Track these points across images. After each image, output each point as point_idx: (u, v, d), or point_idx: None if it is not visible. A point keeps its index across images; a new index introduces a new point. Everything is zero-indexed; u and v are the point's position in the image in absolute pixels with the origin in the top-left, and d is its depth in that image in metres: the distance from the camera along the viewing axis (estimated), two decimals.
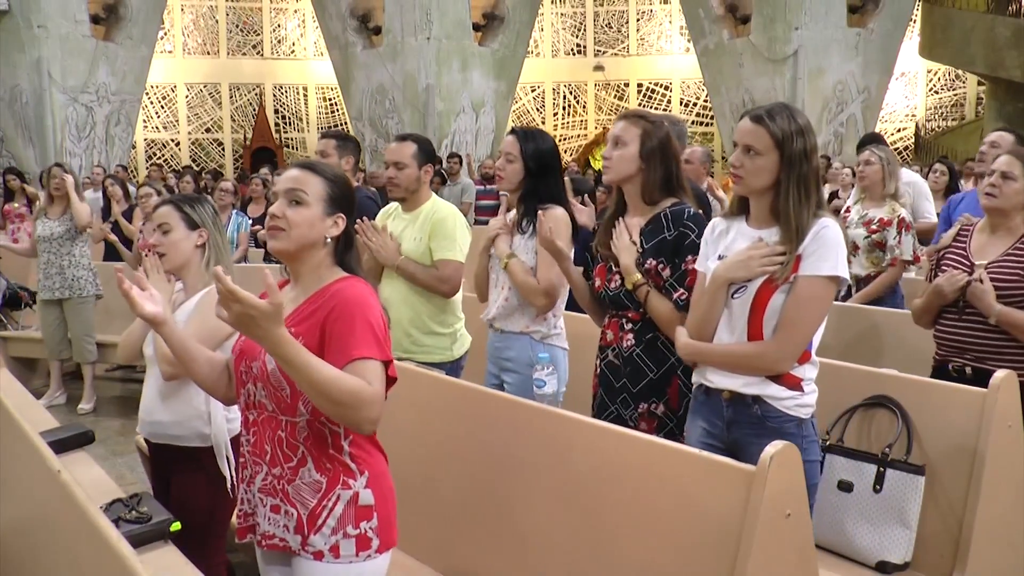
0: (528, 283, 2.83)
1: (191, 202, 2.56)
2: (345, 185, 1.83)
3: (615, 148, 2.43)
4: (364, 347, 1.64)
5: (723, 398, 2.12)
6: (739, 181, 2.08)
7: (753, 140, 2.03)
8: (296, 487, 1.71)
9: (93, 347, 5.84)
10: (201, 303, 2.44)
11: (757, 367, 2.05)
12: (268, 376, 1.71)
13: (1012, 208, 2.78)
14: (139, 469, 3.96)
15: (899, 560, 2.38)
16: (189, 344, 1.95)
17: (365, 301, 1.71)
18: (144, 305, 1.90)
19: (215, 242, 2.55)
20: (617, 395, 2.45)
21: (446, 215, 3.20)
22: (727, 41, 13.47)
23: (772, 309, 2.02)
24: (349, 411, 1.59)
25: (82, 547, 1.68)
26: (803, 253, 2.00)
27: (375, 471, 1.76)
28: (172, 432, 2.48)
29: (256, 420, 1.77)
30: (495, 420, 2.42)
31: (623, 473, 2.03)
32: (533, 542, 2.23)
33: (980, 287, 2.70)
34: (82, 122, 13.37)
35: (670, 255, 2.35)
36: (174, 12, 18.40)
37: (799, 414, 2.07)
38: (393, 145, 3.25)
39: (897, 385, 2.56)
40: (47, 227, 5.69)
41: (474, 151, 13.78)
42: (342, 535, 1.70)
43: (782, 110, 2.05)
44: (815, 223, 2.01)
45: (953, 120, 17.83)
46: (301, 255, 1.77)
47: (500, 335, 2.97)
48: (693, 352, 2.17)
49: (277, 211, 1.75)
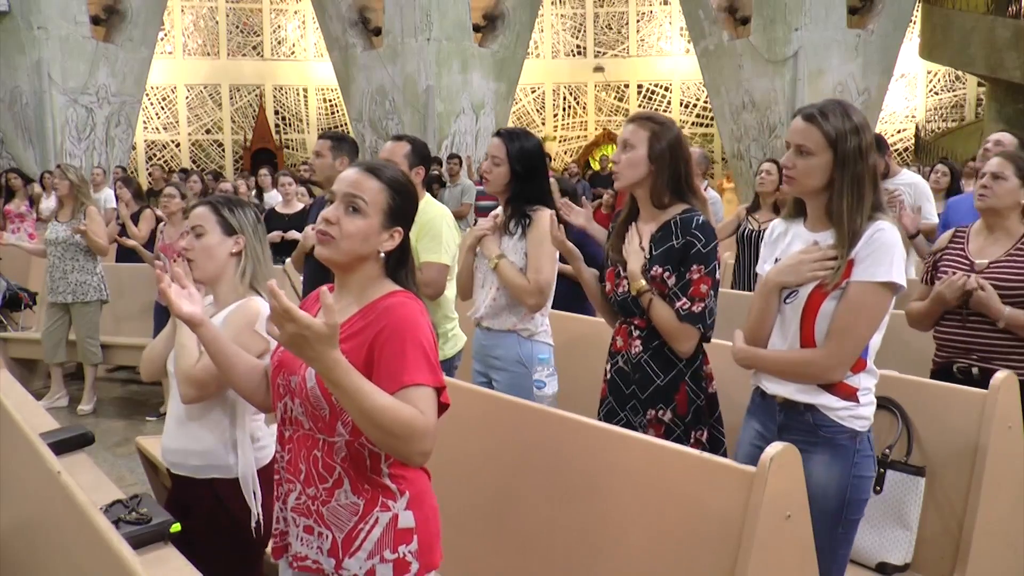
0: (518, 283, 2.85)
1: (231, 205, 2.30)
2: (411, 196, 1.69)
3: (623, 152, 2.40)
4: (416, 372, 1.53)
5: (776, 403, 2.08)
6: (791, 182, 2.02)
7: (804, 139, 1.97)
8: (332, 509, 1.61)
9: (97, 349, 5.84)
10: (230, 318, 2.19)
11: (808, 375, 1.99)
12: (307, 394, 1.60)
13: (1005, 208, 2.81)
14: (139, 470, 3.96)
15: (899, 561, 2.38)
16: (228, 347, 1.84)
17: (417, 321, 1.58)
18: (182, 304, 1.82)
19: (253, 251, 2.28)
20: (627, 402, 2.44)
21: (433, 216, 3.18)
22: (727, 42, 13.47)
23: (823, 315, 1.96)
24: (400, 443, 1.48)
25: (82, 548, 1.67)
26: (856, 257, 1.93)
27: (416, 491, 1.65)
28: (190, 462, 2.23)
29: (292, 437, 1.66)
30: (495, 421, 2.42)
31: (624, 474, 2.03)
32: (534, 543, 2.23)
33: (983, 295, 2.70)
34: (82, 123, 13.37)
35: (676, 263, 2.33)
36: (174, 13, 18.41)
37: (854, 426, 1.99)
38: (388, 144, 3.27)
39: (897, 386, 2.56)
40: (56, 230, 5.68)
41: (474, 152, 13.77)
42: (379, 559, 1.59)
43: (835, 107, 1.98)
44: (870, 226, 1.94)
45: (953, 121, 17.84)
46: (352, 266, 1.65)
47: (488, 333, 2.99)
48: (746, 358, 2.12)
49: (331, 216, 1.61)
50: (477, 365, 3.07)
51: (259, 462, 2.25)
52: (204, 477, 2.23)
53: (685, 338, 2.32)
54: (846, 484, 1.98)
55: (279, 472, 1.72)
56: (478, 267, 3.02)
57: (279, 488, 1.72)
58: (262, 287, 2.26)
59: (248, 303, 2.22)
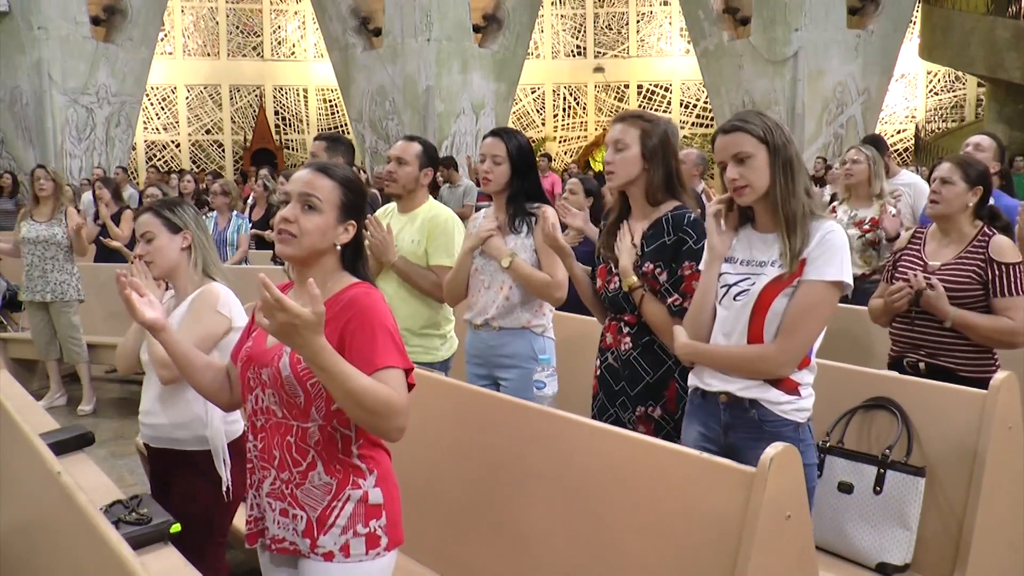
0: (540, 279, 2.84)
1: (170, 206, 2.54)
2: (359, 191, 1.80)
3: (616, 152, 2.41)
4: (388, 356, 1.64)
5: (720, 401, 2.11)
6: (743, 191, 2.05)
7: (739, 146, 2.03)
8: (305, 490, 1.70)
9: (82, 348, 5.84)
10: (193, 304, 2.43)
11: (758, 370, 2.04)
12: (282, 383, 1.69)
13: (955, 212, 2.90)
14: (139, 471, 3.96)
15: (899, 562, 2.38)
16: (189, 351, 1.93)
17: (381, 309, 1.70)
18: (144, 311, 1.89)
19: (200, 242, 2.52)
20: (616, 398, 2.46)
21: (445, 219, 3.20)
22: (727, 43, 13.48)
23: (774, 312, 2.02)
24: (381, 420, 1.58)
25: (82, 548, 1.68)
26: (808, 257, 1.99)
27: (383, 470, 1.77)
28: (171, 435, 2.47)
29: (264, 426, 1.75)
30: (495, 422, 2.42)
31: (624, 475, 2.03)
32: (533, 544, 2.23)
33: (932, 294, 2.81)
34: (82, 123, 13.39)
35: (668, 260, 2.35)
36: (174, 14, 18.43)
37: (796, 418, 2.06)
38: (400, 143, 3.27)
39: (897, 386, 2.57)
40: (33, 229, 5.64)
41: (474, 153, 13.77)
42: (352, 534, 1.70)
43: (747, 113, 2.08)
44: (819, 226, 2.01)
45: (953, 122, 17.86)
46: (310, 260, 1.75)
47: (498, 333, 2.96)
48: (692, 352, 2.16)
49: (290, 215, 1.72)
50: (478, 369, 3.03)
51: (231, 435, 2.47)
52: (183, 449, 2.46)
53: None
54: None
55: (251, 461, 1.80)
56: (482, 269, 2.99)
57: (252, 476, 1.81)
58: (215, 272, 2.52)
59: (207, 289, 2.46)
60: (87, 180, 10.25)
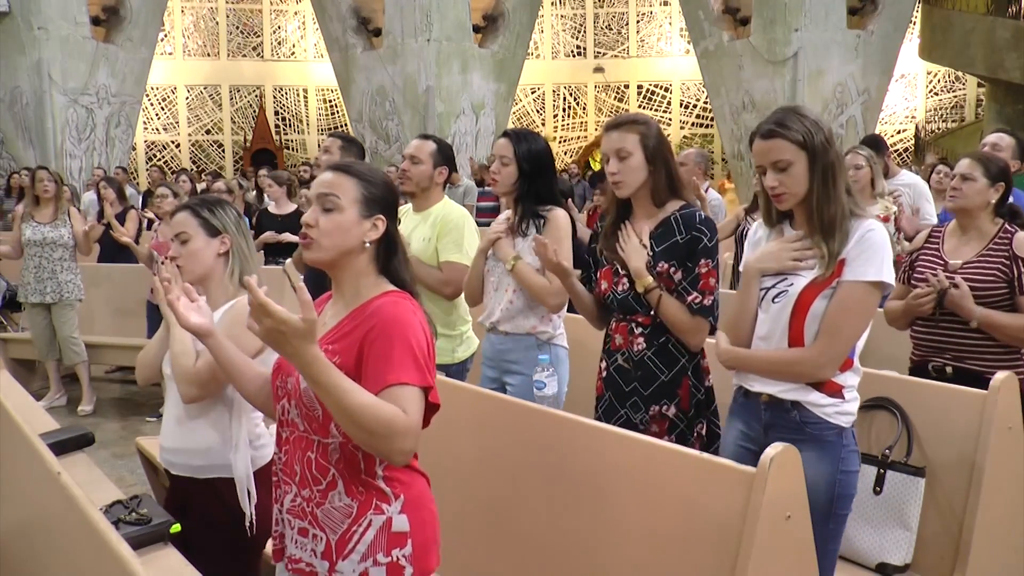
0: (539, 284, 2.82)
1: (210, 206, 2.31)
2: (384, 184, 1.69)
3: (620, 161, 2.37)
4: (402, 372, 1.52)
5: (761, 401, 2.08)
6: (783, 198, 2.01)
7: (779, 155, 1.97)
8: (325, 511, 1.60)
9: (81, 348, 5.86)
10: (226, 317, 2.20)
11: (798, 374, 2.00)
12: (300, 395, 1.60)
13: (975, 207, 2.86)
14: (139, 471, 3.96)
15: (899, 562, 2.38)
16: (236, 357, 1.85)
17: (407, 320, 1.57)
18: (190, 316, 1.82)
19: (239, 249, 2.30)
20: (627, 399, 2.43)
21: (457, 217, 3.19)
22: (727, 43, 13.47)
23: (813, 314, 1.97)
24: (380, 441, 1.48)
25: (82, 549, 1.68)
26: (847, 257, 1.94)
27: (412, 495, 1.64)
28: (191, 462, 2.23)
29: (288, 438, 1.67)
30: (496, 422, 2.42)
31: (624, 475, 2.03)
32: (534, 545, 2.23)
33: (957, 293, 2.74)
34: (82, 124, 13.38)
35: (682, 259, 2.34)
36: (174, 14, 18.43)
37: (839, 422, 2.00)
38: (415, 141, 3.27)
39: (897, 387, 2.56)
40: (37, 231, 5.66)
41: (474, 153, 13.78)
42: (371, 562, 1.58)
43: (787, 114, 2.00)
44: (859, 225, 1.97)
45: (953, 122, 17.86)
46: (340, 263, 1.65)
47: (504, 337, 2.95)
48: (733, 359, 2.12)
49: (310, 219, 1.63)
50: (490, 371, 3.03)
51: (259, 461, 2.25)
52: (205, 477, 2.22)
53: (698, 331, 2.33)
54: (834, 480, 1.99)
55: (276, 474, 1.72)
56: (492, 271, 2.98)
57: (277, 490, 1.72)
58: None
59: (242, 302, 2.22)
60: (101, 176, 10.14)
